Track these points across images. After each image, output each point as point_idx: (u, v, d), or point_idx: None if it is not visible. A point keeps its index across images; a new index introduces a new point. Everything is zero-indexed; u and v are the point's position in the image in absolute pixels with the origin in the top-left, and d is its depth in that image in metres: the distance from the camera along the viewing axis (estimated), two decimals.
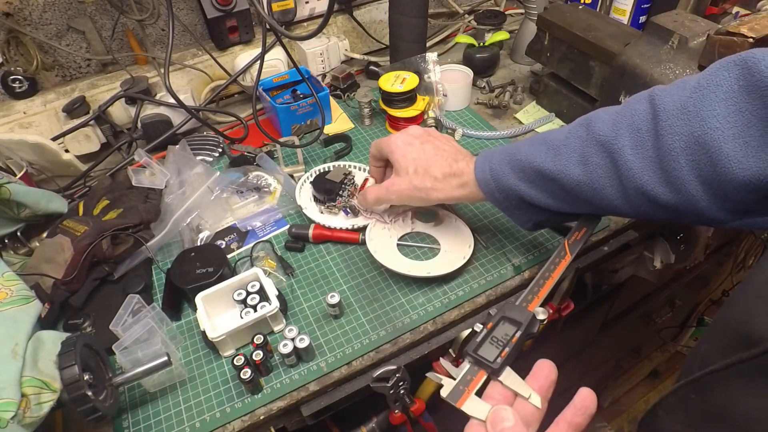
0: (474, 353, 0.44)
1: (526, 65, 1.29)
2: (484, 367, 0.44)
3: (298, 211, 0.92)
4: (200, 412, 0.67)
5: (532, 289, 0.51)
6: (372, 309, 0.77)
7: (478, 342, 0.45)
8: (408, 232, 0.87)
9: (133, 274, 0.82)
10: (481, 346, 0.45)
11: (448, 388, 0.44)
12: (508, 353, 0.43)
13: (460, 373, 0.44)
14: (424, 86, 1.10)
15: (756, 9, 1.26)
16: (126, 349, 0.66)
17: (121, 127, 1.08)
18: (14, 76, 0.98)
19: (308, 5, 1.20)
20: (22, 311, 0.65)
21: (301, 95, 1.13)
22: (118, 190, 0.91)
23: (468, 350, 0.45)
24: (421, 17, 1.10)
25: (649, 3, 1.14)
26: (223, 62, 1.14)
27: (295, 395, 0.68)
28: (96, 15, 1.05)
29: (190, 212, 0.88)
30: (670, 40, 0.80)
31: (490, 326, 0.46)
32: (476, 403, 0.42)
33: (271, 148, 1.03)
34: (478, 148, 1.05)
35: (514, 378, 0.42)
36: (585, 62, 0.98)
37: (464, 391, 0.43)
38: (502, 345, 0.44)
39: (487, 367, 0.43)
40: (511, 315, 0.47)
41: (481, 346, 0.45)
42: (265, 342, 0.70)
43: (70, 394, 0.57)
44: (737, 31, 0.65)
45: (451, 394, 0.43)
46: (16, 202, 0.80)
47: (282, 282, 0.81)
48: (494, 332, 0.46)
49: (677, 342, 1.92)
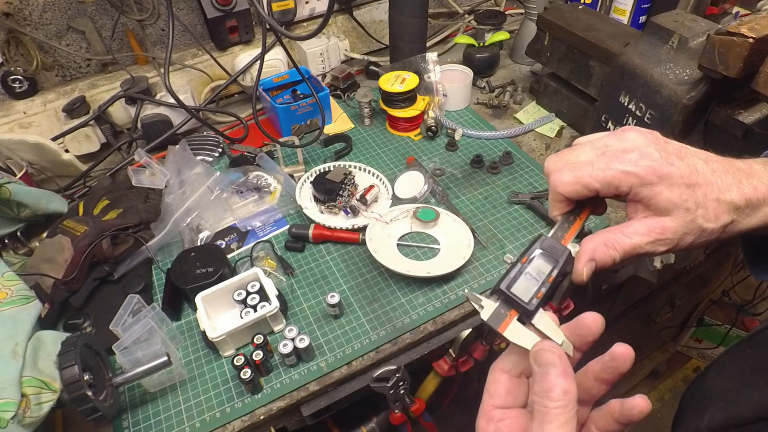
0: (507, 290, 0.39)
1: (526, 65, 1.29)
2: (516, 307, 0.39)
3: (298, 211, 0.92)
4: (200, 412, 0.67)
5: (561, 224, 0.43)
6: (372, 309, 0.77)
7: (513, 277, 0.39)
8: (408, 232, 0.87)
9: (133, 274, 0.82)
10: (515, 282, 0.39)
11: (489, 310, 0.39)
12: (544, 294, 0.39)
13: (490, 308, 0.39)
14: (424, 86, 1.10)
15: (756, 9, 1.26)
16: (126, 349, 0.66)
17: (121, 127, 1.08)
18: (14, 76, 0.98)
19: (308, 5, 1.20)
20: (22, 311, 0.65)
21: (301, 95, 1.13)
22: (118, 190, 0.91)
23: (501, 286, 0.39)
24: (421, 17, 1.10)
25: (649, 3, 1.14)
26: (223, 62, 1.14)
27: (295, 395, 0.68)
28: (96, 15, 1.05)
29: (190, 212, 0.88)
30: (670, 40, 0.80)
31: (524, 260, 0.41)
32: (519, 329, 0.38)
33: (271, 148, 1.03)
34: (478, 148, 1.05)
35: (546, 321, 0.38)
36: (585, 62, 0.98)
37: (506, 316, 0.38)
38: (538, 283, 0.39)
39: (520, 307, 0.38)
40: (548, 249, 0.41)
41: (515, 283, 0.40)
42: (265, 342, 0.70)
43: (70, 394, 0.57)
44: (737, 31, 0.65)
45: (492, 318, 0.38)
46: (16, 202, 0.80)
47: (282, 282, 0.81)
48: (529, 267, 0.40)
49: (677, 342, 1.92)
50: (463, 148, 1.05)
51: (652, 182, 0.37)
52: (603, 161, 0.38)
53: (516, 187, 0.95)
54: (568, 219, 0.43)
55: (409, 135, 1.10)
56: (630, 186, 0.38)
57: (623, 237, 0.38)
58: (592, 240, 0.39)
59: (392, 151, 1.06)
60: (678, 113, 0.78)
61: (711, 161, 0.40)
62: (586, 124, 1.00)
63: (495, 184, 0.96)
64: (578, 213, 0.43)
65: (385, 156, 1.05)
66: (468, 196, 0.94)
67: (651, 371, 1.97)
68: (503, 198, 0.93)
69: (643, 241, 0.38)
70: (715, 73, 0.70)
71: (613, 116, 0.90)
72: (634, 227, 0.39)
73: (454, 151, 1.05)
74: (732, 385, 0.44)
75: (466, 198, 0.94)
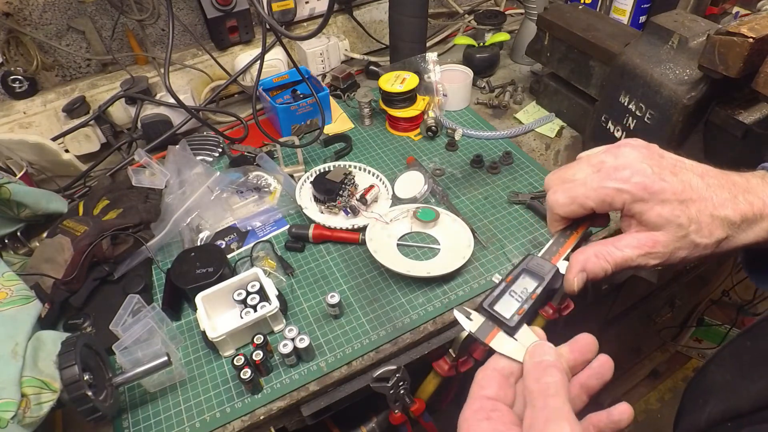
0: (489, 308, 0.40)
1: (526, 65, 1.29)
2: (498, 323, 0.40)
3: (298, 211, 0.92)
4: (200, 412, 0.67)
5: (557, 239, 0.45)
6: (372, 309, 0.77)
7: (496, 296, 0.41)
8: (408, 232, 0.87)
9: (133, 274, 0.82)
10: (498, 300, 0.41)
11: (477, 322, 0.40)
12: (527, 310, 0.40)
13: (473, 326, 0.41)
14: (424, 86, 1.10)
15: (756, 9, 1.26)
16: (126, 349, 0.66)
17: (121, 127, 1.08)
18: (14, 76, 0.98)
19: (308, 5, 1.20)
20: (22, 311, 0.65)
21: (301, 95, 1.13)
22: (118, 190, 0.91)
23: (484, 304, 0.41)
24: (421, 17, 1.10)
25: (649, 3, 1.14)
26: (223, 62, 1.14)
27: (295, 395, 0.68)
28: (96, 15, 1.05)
29: (190, 212, 0.88)
30: (670, 40, 0.80)
31: (509, 279, 0.42)
32: (506, 340, 0.39)
33: (271, 148, 1.03)
34: (478, 148, 1.05)
35: (529, 336, 0.39)
36: (585, 62, 0.98)
37: (494, 328, 0.40)
38: (521, 301, 0.41)
39: (502, 324, 0.40)
40: (533, 268, 0.43)
41: (498, 301, 0.41)
42: (265, 342, 0.70)
43: (70, 394, 0.57)
44: (737, 31, 0.65)
45: (480, 330, 0.40)
46: (16, 202, 0.80)
47: (282, 282, 0.81)
48: (513, 286, 0.42)
49: (677, 342, 1.92)
50: (463, 148, 1.05)
51: (643, 198, 0.38)
52: (596, 179, 0.39)
53: (516, 187, 0.95)
54: (564, 234, 0.45)
55: (409, 135, 1.10)
56: (623, 202, 0.38)
57: (615, 249, 0.39)
58: (584, 251, 0.40)
59: (392, 151, 1.06)
60: (678, 113, 0.78)
61: (707, 176, 0.39)
62: (586, 124, 1.00)
63: (495, 184, 0.96)
64: (575, 228, 0.44)
65: (385, 156, 1.05)
66: (468, 196, 0.94)
67: (651, 371, 1.96)
68: (503, 198, 0.93)
69: (635, 254, 0.39)
70: (715, 73, 0.70)
71: (613, 116, 0.90)
72: (626, 240, 0.39)
73: (454, 151, 1.05)
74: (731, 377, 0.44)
75: (466, 198, 0.94)
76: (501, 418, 0.34)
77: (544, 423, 0.31)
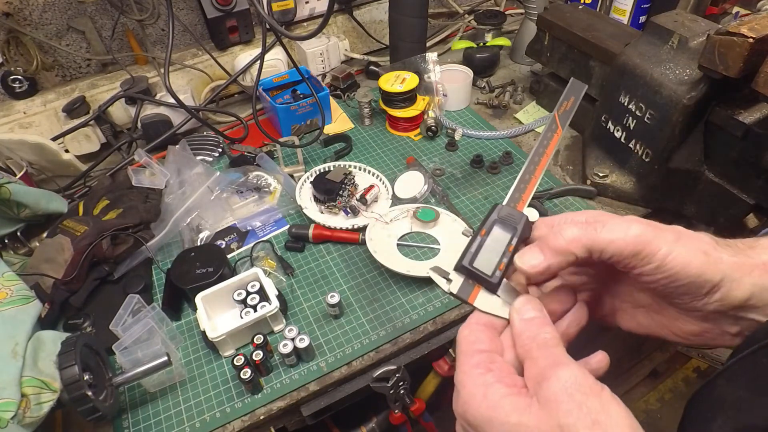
0: (470, 266, 0.38)
1: (526, 65, 1.29)
2: (480, 281, 0.38)
3: (298, 211, 0.92)
4: (200, 412, 0.67)
5: (523, 176, 0.43)
6: (372, 309, 0.77)
7: (474, 252, 0.39)
8: (408, 232, 0.87)
9: (133, 274, 0.82)
10: (476, 256, 0.38)
11: (457, 283, 0.38)
12: (506, 264, 0.38)
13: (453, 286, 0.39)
14: (424, 86, 1.10)
15: (756, 9, 1.26)
16: (126, 349, 0.66)
17: (121, 127, 1.08)
18: (14, 76, 0.98)
19: (308, 5, 1.20)
20: (22, 311, 0.65)
21: (301, 95, 1.13)
22: (118, 190, 0.91)
23: (464, 263, 0.38)
24: (421, 17, 1.10)
25: (649, 3, 1.14)
26: (223, 62, 1.14)
27: (295, 395, 0.68)
28: (96, 15, 1.05)
29: (190, 212, 0.88)
30: (670, 40, 0.80)
31: (483, 233, 0.40)
32: (489, 298, 0.38)
33: (271, 148, 1.03)
34: (478, 148, 1.05)
35: (510, 291, 0.38)
36: (585, 62, 0.98)
37: (474, 286, 0.38)
38: (500, 255, 0.38)
39: (485, 281, 0.38)
40: (505, 219, 0.41)
41: (476, 257, 0.38)
42: (265, 342, 0.70)
43: (70, 394, 0.57)
44: (737, 31, 0.65)
45: (462, 290, 0.38)
46: (16, 202, 0.80)
47: (282, 282, 0.81)
48: (488, 240, 0.39)
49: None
50: (463, 148, 1.05)
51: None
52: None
53: None
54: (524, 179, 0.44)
55: (409, 135, 1.10)
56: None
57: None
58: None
59: (392, 151, 1.06)
60: (678, 113, 0.78)
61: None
62: (585, 124, 1.00)
63: (495, 184, 0.96)
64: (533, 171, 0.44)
65: (385, 156, 1.05)
66: (468, 196, 0.94)
67: (651, 371, 1.96)
68: (503, 198, 0.93)
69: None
70: (715, 73, 0.70)
71: (613, 116, 0.90)
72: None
73: (454, 151, 1.05)
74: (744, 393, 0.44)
75: (466, 198, 0.94)
76: (501, 368, 0.35)
77: (551, 368, 0.32)
